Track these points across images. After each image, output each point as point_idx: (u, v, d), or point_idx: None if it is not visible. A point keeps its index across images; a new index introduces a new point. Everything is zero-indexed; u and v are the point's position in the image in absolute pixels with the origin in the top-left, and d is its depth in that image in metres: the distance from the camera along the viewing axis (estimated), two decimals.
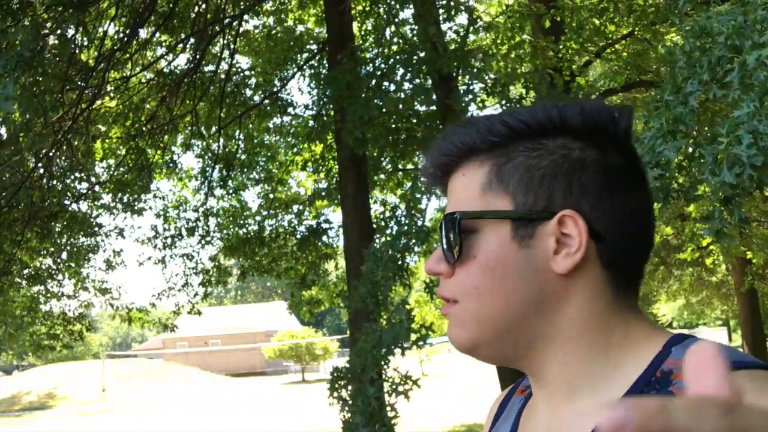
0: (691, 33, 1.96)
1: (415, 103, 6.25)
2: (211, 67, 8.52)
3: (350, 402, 3.80)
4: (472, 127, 0.68)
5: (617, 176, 0.65)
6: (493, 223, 0.65)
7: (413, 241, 4.22)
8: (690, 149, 2.06)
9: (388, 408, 3.79)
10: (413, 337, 3.95)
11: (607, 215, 0.64)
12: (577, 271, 0.63)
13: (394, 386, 3.86)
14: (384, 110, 5.39)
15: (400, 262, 4.19)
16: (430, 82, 6.26)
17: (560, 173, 0.64)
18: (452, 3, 6.15)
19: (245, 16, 8.18)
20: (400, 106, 5.81)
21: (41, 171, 7.14)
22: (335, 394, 3.91)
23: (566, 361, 0.65)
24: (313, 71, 8.74)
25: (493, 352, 0.68)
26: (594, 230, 0.63)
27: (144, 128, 8.16)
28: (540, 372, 0.67)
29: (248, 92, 9.27)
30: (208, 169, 9.16)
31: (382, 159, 7.09)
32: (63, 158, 7.64)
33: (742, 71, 1.73)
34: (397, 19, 6.62)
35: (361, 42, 7.88)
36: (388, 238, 4.48)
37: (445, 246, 0.67)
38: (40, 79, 4.48)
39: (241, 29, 8.59)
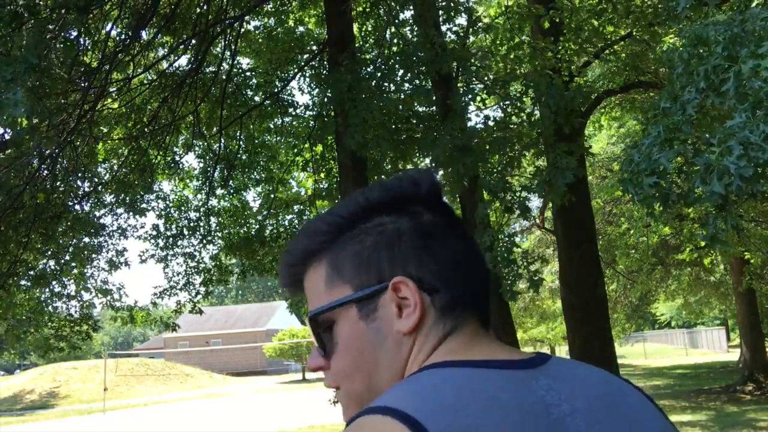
0: (689, 40, 2.00)
1: (415, 104, 6.29)
2: (212, 68, 8.57)
3: None
4: (303, 235, 0.77)
5: (432, 233, 0.73)
6: (342, 310, 0.73)
7: None
8: (690, 154, 2.11)
9: None
10: None
11: (433, 269, 0.71)
12: (421, 324, 0.70)
13: None
14: (384, 111, 5.44)
15: None
16: (429, 82, 6.31)
17: (382, 248, 0.72)
18: (452, 4, 6.20)
19: (246, 17, 8.24)
20: (400, 106, 5.85)
21: (45, 172, 7.20)
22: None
23: None
24: (313, 72, 8.79)
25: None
26: (425, 286, 0.71)
27: (146, 129, 8.21)
28: None
29: (249, 93, 9.32)
30: (209, 169, 9.22)
31: (382, 159, 7.13)
32: (66, 159, 7.68)
33: (737, 80, 1.77)
34: (397, 20, 6.66)
35: (361, 43, 7.93)
36: None
37: (315, 343, 0.77)
38: (47, 81, 4.53)
39: (242, 30, 8.64)
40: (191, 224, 9.25)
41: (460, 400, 0.60)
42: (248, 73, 9.43)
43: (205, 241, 9.30)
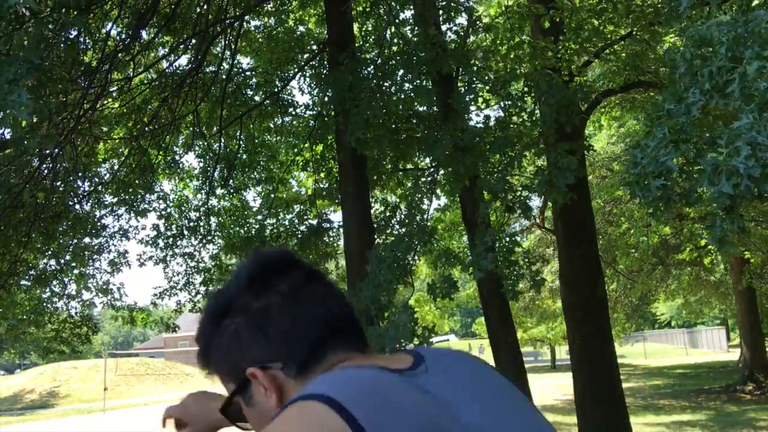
0: (691, 41, 2.00)
1: (416, 104, 6.29)
2: (212, 68, 8.57)
3: None
4: (195, 339, 0.90)
5: (264, 317, 0.83)
6: (238, 402, 0.86)
7: (416, 241, 4.26)
8: (692, 154, 2.10)
9: None
10: (415, 341, 3.98)
11: (272, 347, 0.82)
12: (285, 393, 0.81)
13: None
14: (385, 111, 5.44)
15: (403, 263, 4.23)
16: (430, 82, 6.30)
17: (232, 348, 0.84)
18: (452, 4, 6.20)
19: (246, 17, 8.23)
20: (401, 106, 5.85)
21: (45, 172, 7.19)
22: None
23: None
24: (313, 72, 8.78)
25: None
26: (273, 365, 0.82)
27: (146, 129, 8.20)
28: None
29: (249, 92, 9.32)
30: (209, 169, 9.21)
31: (382, 158, 7.13)
32: (66, 159, 7.68)
33: (742, 82, 1.76)
34: (397, 20, 6.66)
35: (361, 43, 7.93)
36: (391, 238, 4.52)
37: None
38: (47, 81, 4.53)
39: (242, 30, 8.63)
40: (191, 224, 9.25)
41: (375, 385, 0.72)
42: (248, 73, 9.43)
43: (205, 241, 9.29)
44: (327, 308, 0.86)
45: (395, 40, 6.93)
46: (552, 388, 20.03)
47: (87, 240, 8.90)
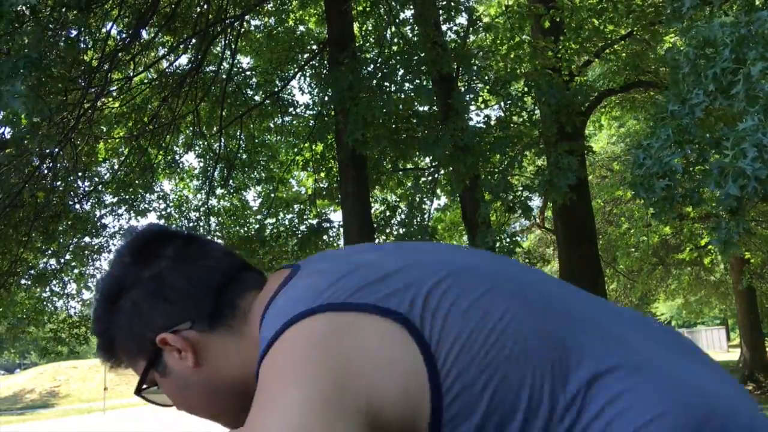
0: (695, 42, 1.99)
1: (416, 103, 6.29)
2: (212, 68, 8.57)
3: None
4: (94, 332, 0.88)
5: (158, 284, 0.82)
6: (150, 376, 0.84)
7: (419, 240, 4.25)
8: (695, 154, 2.10)
9: None
10: None
11: (175, 308, 0.81)
12: (203, 352, 0.81)
13: None
14: (385, 110, 5.44)
15: None
16: (430, 82, 6.30)
17: (134, 321, 0.82)
18: (452, 3, 6.20)
19: (246, 17, 8.23)
20: (401, 106, 5.85)
21: (45, 171, 7.19)
22: None
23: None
24: (313, 71, 8.78)
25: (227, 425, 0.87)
26: (181, 327, 0.81)
27: (146, 128, 8.20)
28: None
29: (249, 92, 9.31)
30: (209, 168, 9.21)
31: (382, 158, 7.13)
32: (66, 158, 7.68)
33: (747, 83, 1.76)
34: (397, 20, 6.66)
35: (361, 42, 7.93)
36: (392, 239, 4.52)
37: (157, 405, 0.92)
38: (47, 80, 4.53)
39: (243, 30, 8.63)
40: (191, 224, 9.25)
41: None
42: (248, 73, 9.43)
43: None
44: (216, 260, 0.85)
45: (395, 40, 6.93)
46: None
47: (87, 239, 8.90)
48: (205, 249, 0.86)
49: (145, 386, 0.86)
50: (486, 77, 5.91)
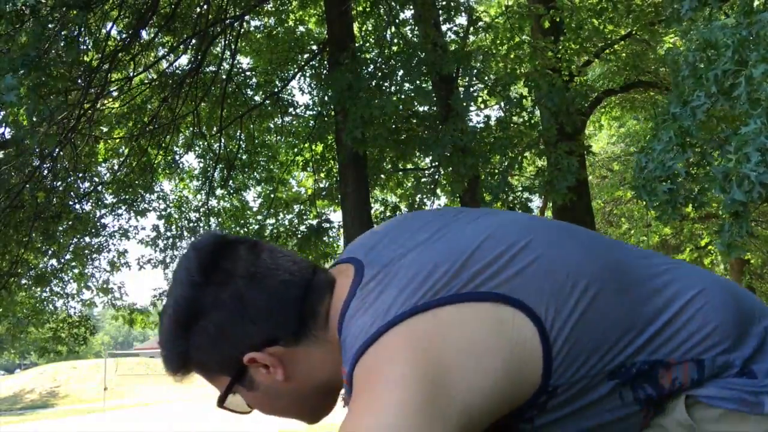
0: (695, 44, 1.99)
1: (416, 104, 6.28)
2: (212, 68, 8.56)
3: None
4: (164, 353, 0.87)
5: (241, 302, 0.82)
6: (235, 390, 0.87)
7: None
8: (697, 157, 2.10)
9: None
10: None
11: (261, 327, 0.82)
12: (291, 365, 0.83)
13: None
14: (384, 110, 5.44)
15: None
16: (430, 83, 6.30)
17: (217, 340, 0.83)
18: (452, 4, 6.20)
19: (246, 17, 8.23)
20: (401, 106, 5.84)
21: (45, 171, 7.19)
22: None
23: (340, 378, 0.84)
24: (313, 71, 8.78)
25: (327, 412, 0.92)
26: (267, 344, 0.82)
27: (146, 128, 8.20)
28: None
29: (249, 92, 9.31)
30: (209, 169, 9.20)
31: (382, 158, 7.13)
32: (66, 159, 7.68)
33: (749, 85, 1.75)
34: (397, 20, 6.66)
35: (361, 43, 7.92)
36: None
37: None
38: (48, 80, 4.53)
39: (242, 30, 8.63)
40: (191, 224, 9.24)
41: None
42: (248, 73, 9.42)
43: None
44: (289, 271, 0.85)
45: (395, 40, 6.93)
46: None
47: (87, 239, 8.90)
48: (274, 259, 0.85)
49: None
50: (486, 78, 5.91)
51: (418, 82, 5.72)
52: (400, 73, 5.72)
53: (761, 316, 0.83)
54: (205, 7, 7.60)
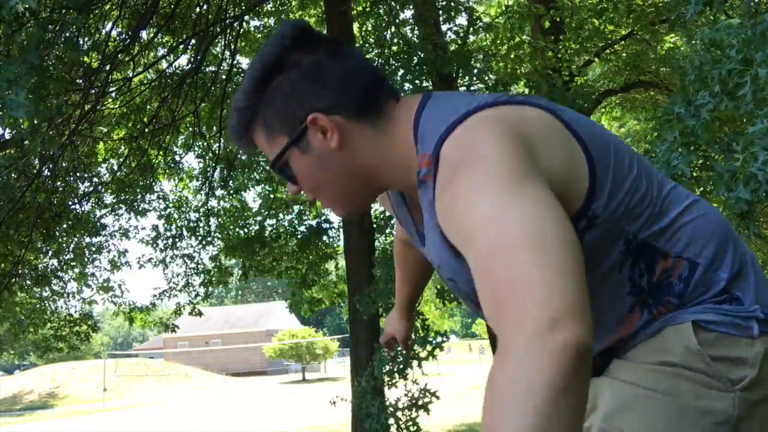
0: (701, 46, 1.99)
1: None
2: (212, 68, 8.56)
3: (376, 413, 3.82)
4: (234, 112, 0.98)
5: (316, 68, 0.92)
6: (288, 154, 0.94)
7: None
8: (701, 160, 2.09)
9: (410, 423, 3.79)
10: (428, 347, 3.96)
11: (330, 93, 0.91)
12: (346, 137, 0.91)
13: (413, 400, 3.85)
14: None
15: None
16: (430, 83, 6.29)
17: (290, 99, 0.92)
18: (452, 4, 6.19)
19: (246, 17, 8.22)
20: None
21: (46, 173, 7.18)
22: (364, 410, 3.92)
23: (390, 168, 0.94)
24: None
25: (359, 207, 1.01)
26: (331, 111, 0.91)
27: (146, 129, 8.19)
28: (384, 188, 0.99)
29: None
30: (209, 169, 9.20)
31: None
32: (67, 160, 7.67)
33: (754, 85, 1.75)
34: (397, 20, 6.65)
35: (361, 43, 7.92)
36: (391, 238, 4.51)
37: (287, 180, 1.00)
38: (48, 82, 4.51)
39: (242, 30, 8.62)
40: (191, 224, 9.24)
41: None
42: None
43: (204, 242, 9.28)
44: (366, 63, 0.96)
45: (395, 40, 6.92)
46: None
47: (87, 239, 8.90)
48: (352, 52, 0.96)
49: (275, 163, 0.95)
50: (486, 78, 5.90)
51: (418, 82, 5.71)
52: (400, 73, 5.70)
53: (740, 244, 0.94)
54: (205, 7, 7.59)
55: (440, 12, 6.20)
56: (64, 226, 8.18)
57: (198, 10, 7.81)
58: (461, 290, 0.94)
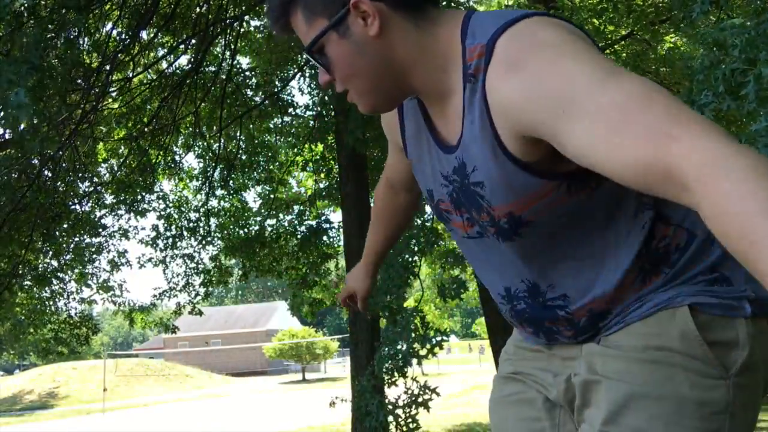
0: (707, 47, 1.99)
1: None
2: (212, 68, 8.56)
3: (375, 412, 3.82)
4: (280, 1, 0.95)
5: None
6: (325, 38, 0.92)
7: (422, 241, 4.25)
8: None
9: (410, 420, 3.79)
10: (428, 346, 3.96)
11: None
12: (386, 26, 0.90)
13: (413, 397, 3.85)
14: None
15: (411, 266, 4.22)
16: None
17: None
18: (452, 4, 6.19)
19: (246, 17, 8.22)
20: None
21: (46, 173, 7.18)
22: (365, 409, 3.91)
23: (425, 68, 0.93)
24: (313, 72, 8.76)
25: (386, 104, 0.99)
26: None
27: (146, 129, 8.19)
28: (414, 90, 0.97)
29: (249, 93, 9.30)
30: (209, 169, 9.20)
31: (383, 159, 7.11)
32: (67, 160, 7.67)
33: (757, 84, 1.75)
34: None
35: None
36: None
37: (320, 67, 0.97)
38: (48, 82, 4.52)
39: (242, 30, 8.62)
40: (191, 224, 9.24)
41: None
42: (248, 73, 9.41)
43: (204, 242, 9.28)
44: None
45: None
46: None
47: (87, 239, 8.90)
48: None
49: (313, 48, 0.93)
50: None
51: None
52: None
53: None
54: (205, 7, 7.59)
55: None
56: (65, 226, 8.18)
57: (198, 10, 7.81)
58: (490, 196, 0.93)
